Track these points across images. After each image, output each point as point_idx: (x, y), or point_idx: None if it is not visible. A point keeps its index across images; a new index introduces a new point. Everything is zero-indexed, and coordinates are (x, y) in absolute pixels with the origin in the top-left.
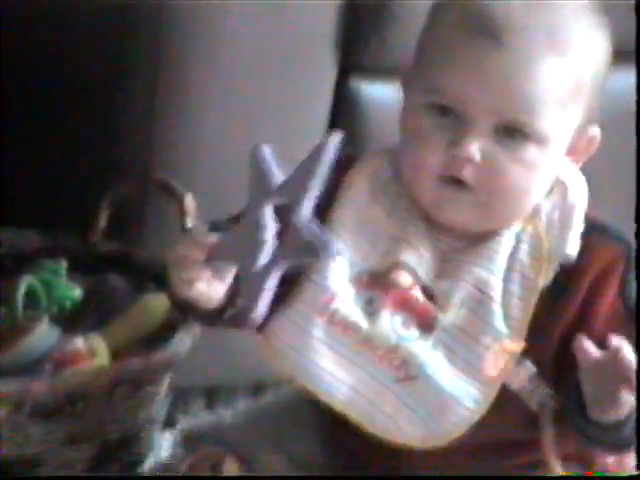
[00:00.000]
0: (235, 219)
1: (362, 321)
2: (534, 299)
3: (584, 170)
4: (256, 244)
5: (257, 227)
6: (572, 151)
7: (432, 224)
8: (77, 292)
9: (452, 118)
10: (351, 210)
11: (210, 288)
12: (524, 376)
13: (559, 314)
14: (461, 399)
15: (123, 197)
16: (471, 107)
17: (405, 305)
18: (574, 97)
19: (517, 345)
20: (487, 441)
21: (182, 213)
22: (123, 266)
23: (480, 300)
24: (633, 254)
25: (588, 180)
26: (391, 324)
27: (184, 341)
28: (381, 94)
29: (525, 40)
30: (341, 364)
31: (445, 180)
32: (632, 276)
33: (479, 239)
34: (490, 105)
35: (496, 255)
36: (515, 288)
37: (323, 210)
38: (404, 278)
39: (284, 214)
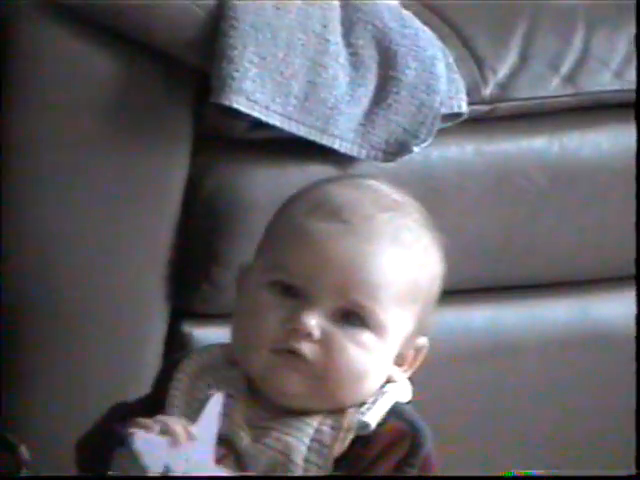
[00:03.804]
0: None
1: None
2: (330, 466)
3: None
4: None
5: None
6: (400, 361)
7: (254, 397)
8: None
9: (293, 298)
10: (179, 390)
11: None
12: None
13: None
14: None
15: None
16: (313, 287)
17: None
18: (411, 298)
19: None
20: None
21: (17, 464)
22: None
23: (285, 465)
24: (423, 443)
25: None
26: None
27: None
28: (213, 338)
29: (373, 228)
30: None
31: (279, 351)
32: (415, 464)
33: (293, 412)
34: (333, 286)
35: (306, 426)
36: (314, 457)
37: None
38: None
39: None
